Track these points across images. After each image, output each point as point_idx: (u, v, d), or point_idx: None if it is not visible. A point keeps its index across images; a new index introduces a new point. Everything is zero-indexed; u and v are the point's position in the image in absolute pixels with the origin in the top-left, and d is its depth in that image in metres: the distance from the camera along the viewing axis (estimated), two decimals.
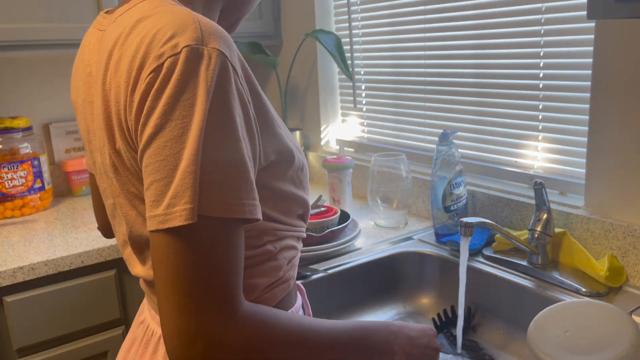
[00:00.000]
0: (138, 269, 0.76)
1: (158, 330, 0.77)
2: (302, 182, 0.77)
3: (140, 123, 0.59)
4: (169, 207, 0.56)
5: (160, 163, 0.57)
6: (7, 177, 1.66)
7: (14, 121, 1.68)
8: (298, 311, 0.84)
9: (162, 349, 0.75)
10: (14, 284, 1.29)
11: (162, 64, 0.58)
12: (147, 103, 0.58)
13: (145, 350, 0.78)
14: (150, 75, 0.58)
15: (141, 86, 0.59)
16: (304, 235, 0.83)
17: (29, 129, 1.73)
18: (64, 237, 1.46)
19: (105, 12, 0.76)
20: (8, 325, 1.30)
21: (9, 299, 1.29)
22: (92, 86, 0.73)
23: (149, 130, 0.58)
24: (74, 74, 0.80)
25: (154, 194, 0.58)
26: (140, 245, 0.73)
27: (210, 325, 0.56)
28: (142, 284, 0.81)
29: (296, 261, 0.81)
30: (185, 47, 0.58)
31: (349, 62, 1.83)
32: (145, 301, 0.85)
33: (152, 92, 0.58)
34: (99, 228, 0.98)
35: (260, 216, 0.61)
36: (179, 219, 0.55)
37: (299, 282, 0.97)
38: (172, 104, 0.57)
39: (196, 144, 0.56)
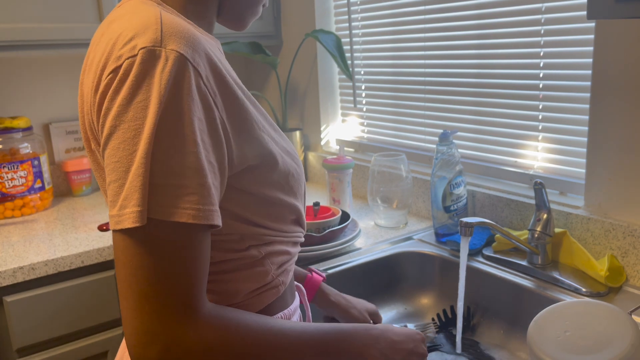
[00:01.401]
0: None
1: None
2: (292, 189, 0.75)
3: (100, 124, 0.60)
4: (121, 208, 0.57)
5: (115, 164, 0.58)
6: (7, 177, 1.66)
7: (14, 121, 1.68)
8: (294, 313, 0.83)
9: None
10: (14, 284, 1.29)
11: (120, 65, 0.58)
12: (105, 104, 0.59)
13: None
14: (109, 77, 0.59)
15: (101, 87, 0.60)
16: (301, 239, 0.81)
17: (29, 129, 1.73)
18: (64, 237, 1.46)
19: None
20: (8, 325, 1.30)
21: (9, 299, 1.29)
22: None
23: (106, 131, 0.59)
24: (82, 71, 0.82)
25: (111, 194, 0.58)
26: None
27: (166, 327, 0.56)
28: None
29: (289, 266, 0.79)
30: (142, 48, 0.58)
31: (349, 62, 1.83)
32: None
33: (109, 93, 0.59)
34: None
35: (217, 222, 0.60)
36: (128, 221, 0.56)
37: (299, 283, 0.97)
38: (126, 105, 0.57)
39: (146, 146, 0.56)
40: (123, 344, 0.85)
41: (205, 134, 0.60)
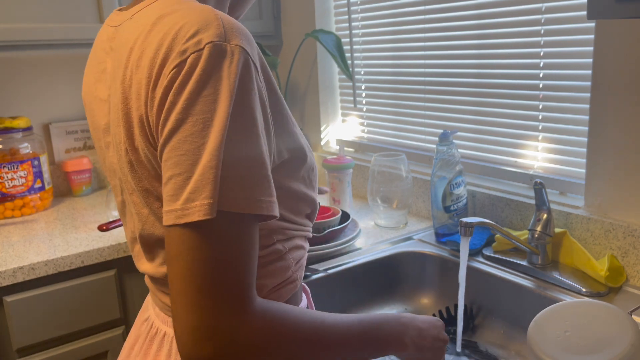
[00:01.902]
0: (146, 265, 0.77)
1: (163, 328, 0.77)
2: (312, 182, 0.77)
3: (162, 118, 0.60)
4: (187, 201, 0.56)
5: (180, 157, 0.57)
6: (7, 177, 1.66)
7: (14, 121, 1.68)
8: None
9: (166, 346, 0.76)
10: (14, 284, 1.29)
11: (185, 59, 0.58)
12: (169, 98, 0.59)
13: (150, 347, 0.78)
14: (173, 71, 0.59)
15: (163, 81, 0.59)
16: (310, 235, 0.83)
17: (29, 129, 1.73)
18: (64, 237, 1.46)
19: (119, 10, 0.76)
20: (8, 325, 1.30)
21: (9, 299, 1.29)
22: (106, 83, 0.73)
23: (169, 125, 0.58)
24: (86, 71, 0.81)
25: (172, 189, 0.58)
26: (150, 243, 0.73)
27: (223, 323, 0.55)
28: (147, 281, 0.81)
29: (304, 262, 0.80)
30: (208, 43, 0.58)
31: (349, 62, 1.83)
32: (149, 298, 0.85)
33: (174, 88, 0.58)
34: None
35: (277, 213, 0.61)
36: (197, 213, 0.55)
37: (302, 282, 0.97)
38: (194, 98, 0.57)
39: (219, 139, 0.56)
40: (126, 341, 0.85)
41: (263, 127, 0.61)
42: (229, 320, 0.56)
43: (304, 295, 0.87)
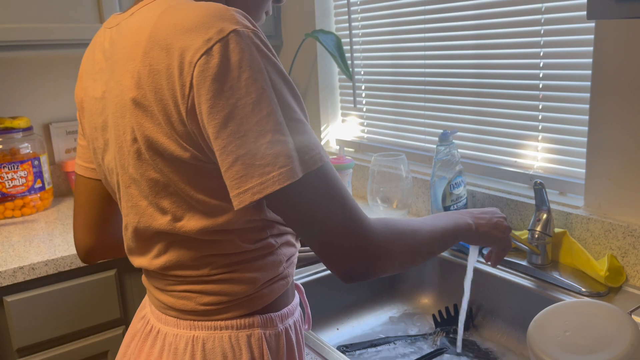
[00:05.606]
0: (141, 260, 0.77)
1: (157, 325, 0.77)
2: None
3: (208, 106, 0.61)
4: (262, 175, 0.61)
5: (241, 139, 0.61)
6: (7, 177, 1.66)
7: (14, 121, 1.69)
8: (296, 309, 0.84)
9: (159, 342, 0.76)
10: (14, 284, 1.29)
11: (211, 47, 0.60)
12: (207, 87, 0.61)
13: (144, 344, 0.78)
14: (200, 59, 0.61)
15: (190, 70, 0.61)
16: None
17: (29, 129, 1.73)
18: (64, 237, 1.46)
19: (117, 15, 0.78)
20: (8, 325, 1.30)
21: (9, 299, 1.29)
22: (101, 82, 0.73)
23: (221, 113, 0.61)
24: (81, 73, 0.81)
25: (240, 170, 0.61)
26: (145, 237, 0.74)
27: (360, 240, 0.65)
28: (144, 280, 0.82)
29: (294, 259, 0.81)
30: (232, 31, 0.61)
31: (349, 62, 1.83)
32: (147, 297, 0.85)
33: (209, 77, 0.61)
34: (80, 251, 0.92)
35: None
36: (280, 180, 0.61)
37: (297, 281, 0.97)
38: (235, 84, 0.61)
39: (274, 112, 0.61)
40: (124, 338, 0.85)
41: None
42: (362, 238, 0.66)
43: (297, 294, 0.88)
